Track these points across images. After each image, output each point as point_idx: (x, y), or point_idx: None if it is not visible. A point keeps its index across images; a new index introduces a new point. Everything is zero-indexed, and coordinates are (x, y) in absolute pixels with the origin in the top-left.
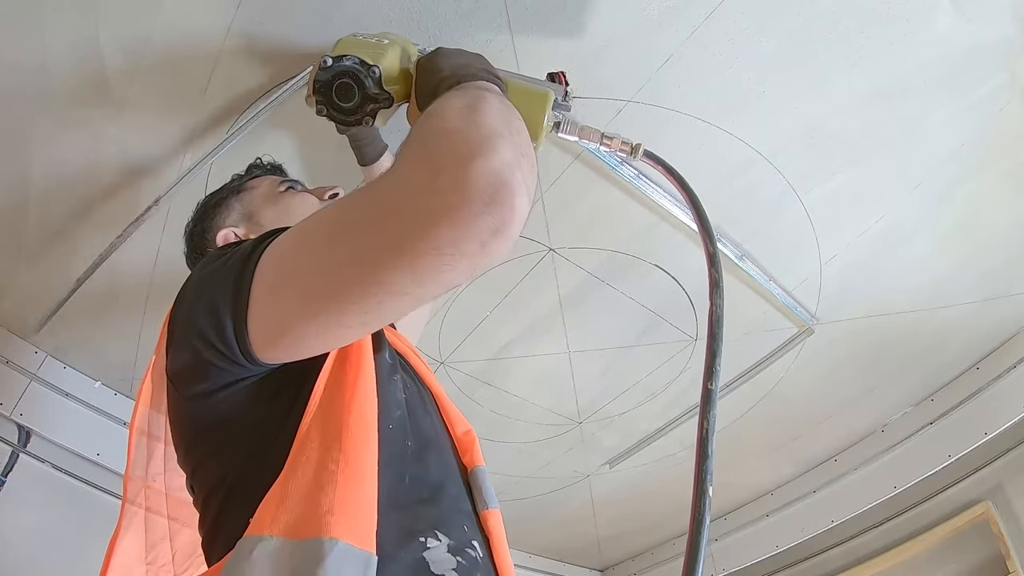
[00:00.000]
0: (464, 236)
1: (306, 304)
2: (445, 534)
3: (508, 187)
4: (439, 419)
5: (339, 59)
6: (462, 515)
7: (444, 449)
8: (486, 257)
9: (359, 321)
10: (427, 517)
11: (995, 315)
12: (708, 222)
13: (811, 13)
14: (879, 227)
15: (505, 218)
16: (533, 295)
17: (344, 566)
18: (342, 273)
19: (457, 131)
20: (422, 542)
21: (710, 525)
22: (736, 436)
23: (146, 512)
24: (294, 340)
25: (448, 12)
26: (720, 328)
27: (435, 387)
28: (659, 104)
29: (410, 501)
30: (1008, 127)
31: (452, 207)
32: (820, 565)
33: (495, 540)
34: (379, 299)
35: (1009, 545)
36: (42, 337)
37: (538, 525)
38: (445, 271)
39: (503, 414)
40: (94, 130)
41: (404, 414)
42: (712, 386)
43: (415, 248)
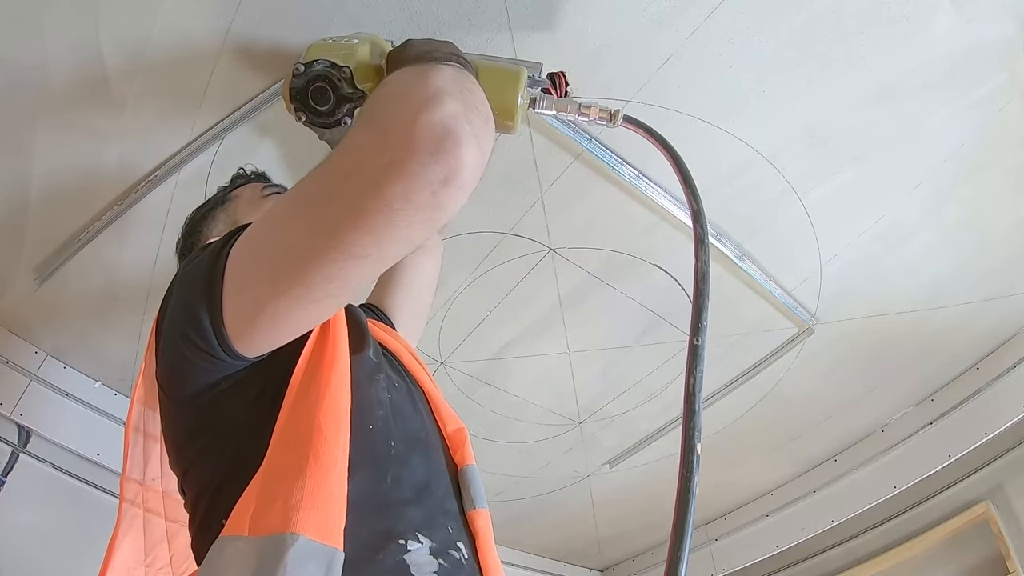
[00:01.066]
0: (413, 187)
1: (275, 283)
2: (428, 536)
3: (453, 135)
4: (431, 418)
5: (311, 64)
6: (447, 516)
7: (433, 449)
8: (439, 209)
9: (325, 292)
10: (409, 519)
11: (995, 315)
12: (692, 179)
13: (811, 13)
14: (879, 227)
15: (452, 166)
16: (533, 295)
17: (307, 561)
18: (304, 244)
19: (405, 93)
20: (402, 544)
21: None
22: (736, 436)
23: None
24: (268, 323)
25: (448, 12)
26: (706, 284)
27: (427, 385)
28: (659, 104)
29: (392, 502)
30: (1008, 127)
31: (399, 161)
32: (820, 565)
33: (482, 541)
34: (340, 265)
35: (1009, 545)
36: (42, 336)
37: (538, 525)
38: (400, 227)
39: (503, 414)
40: (94, 130)
41: (387, 414)
42: (698, 342)
43: (367, 206)
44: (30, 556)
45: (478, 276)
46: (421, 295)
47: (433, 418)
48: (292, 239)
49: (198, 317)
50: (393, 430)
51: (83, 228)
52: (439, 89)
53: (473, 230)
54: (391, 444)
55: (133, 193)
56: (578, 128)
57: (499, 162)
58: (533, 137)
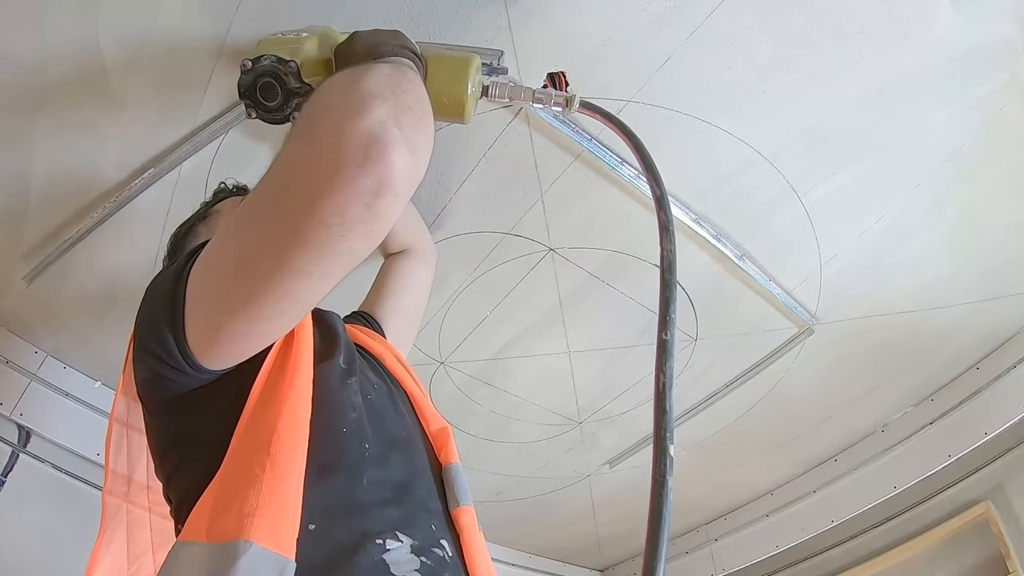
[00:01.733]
0: (346, 202)
1: (227, 301)
2: (408, 535)
3: (380, 142)
4: (413, 418)
5: (258, 60)
6: (430, 514)
7: (414, 448)
8: (375, 221)
9: (278, 310)
10: (388, 518)
11: (995, 315)
12: (654, 165)
13: (811, 13)
14: (879, 227)
15: (383, 176)
16: (533, 295)
17: (258, 569)
18: (251, 264)
19: (333, 101)
20: (380, 544)
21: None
22: (736, 436)
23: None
24: (228, 340)
25: (448, 12)
26: (673, 274)
27: (410, 387)
28: (659, 104)
29: (369, 503)
30: (1008, 127)
31: (329, 175)
32: (820, 565)
33: (466, 538)
34: (287, 284)
35: (1009, 545)
36: (42, 336)
37: (538, 525)
38: (338, 242)
39: (503, 414)
40: (94, 129)
41: (361, 416)
42: (667, 336)
43: (303, 224)
44: (30, 556)
45: (478, 276)
46: (413, 303)
47: (416, 418)
48: (240, 258)
49: (163, 335)
50: (368, 432)
51: (75, 224)
52: (368, 94)
53: (473, 230)
54: (366, 446)
55: (126, 189)
56: (578, 128)
57: (499, 162)
58: (533, 137)
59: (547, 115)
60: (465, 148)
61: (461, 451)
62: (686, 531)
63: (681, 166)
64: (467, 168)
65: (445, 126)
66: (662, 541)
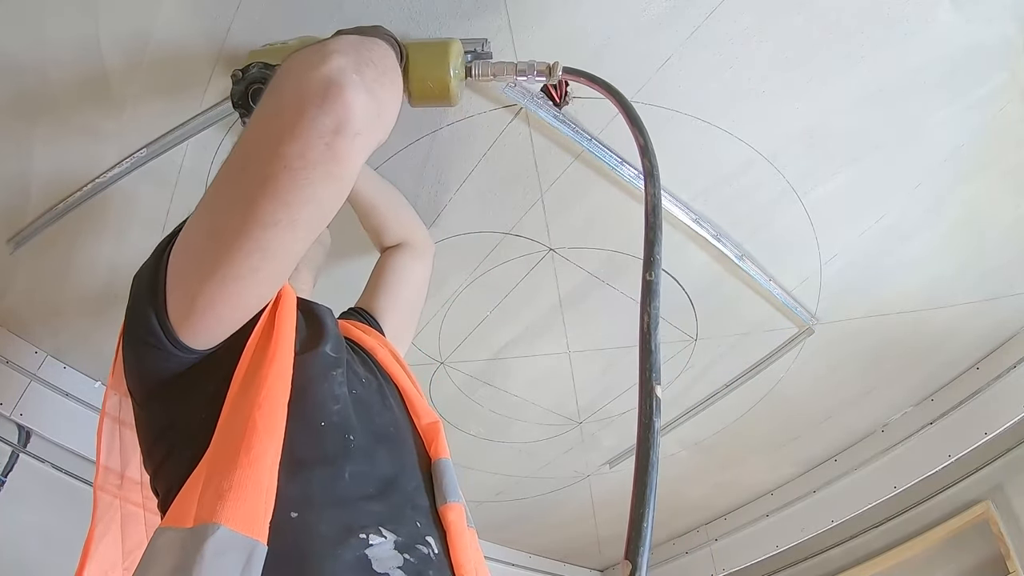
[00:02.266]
0: (307, 143)
1: (200, 267)
2: (392, 531)
3: (337, 84)
4: (403, 413)
5: (246, 69)
6: (416, 510)
7: (402, 443)
8: (336, 162)
9: (249, 267)
10: (372, 513)
11: (995, 315)
12: (638, 117)
13: (811, 13)
14: (879, 227)
15: (341, 115)
16: (533, 295)
17: (225, 551)
18: (222, 224)
19: (300, 62)
20: (363, 539)
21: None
22: (736, 436)
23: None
24: (204, 309)
25: (448, 12)
26: (658, 216)
27: (401, 381)
28: (659, 104)
29: (352, 497)
30: (1008, 127)
31: (291, 120)
32: (820, 565)
33: (453, 535)
34: (256, 236)
35: (1009, 545)
36: (42, 336)
37: (538, 525)
38: (303, 185)
39: (503, 414)
40: (94, 129)
41: (345, 409)
42: (651, 277)
43: (269, 172)
44: (30, 556)
45: (478, 276)
46: (410, 297)
47: (407, 414)
48: (211, 222)
49: (146, 316)
50: (354, 425)
51: (83, 228)
52: (329, 50)
53: (473, 230)
54: (350, 438)
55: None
56: (578, 128)
57: (499, 162)
58: (533, 137)
59: (547, 115)
60: (465, 148)
61: (461, 451)
62: (686, 531)
63: (681, 166)
64: (467, 168)
65: (446, 125)
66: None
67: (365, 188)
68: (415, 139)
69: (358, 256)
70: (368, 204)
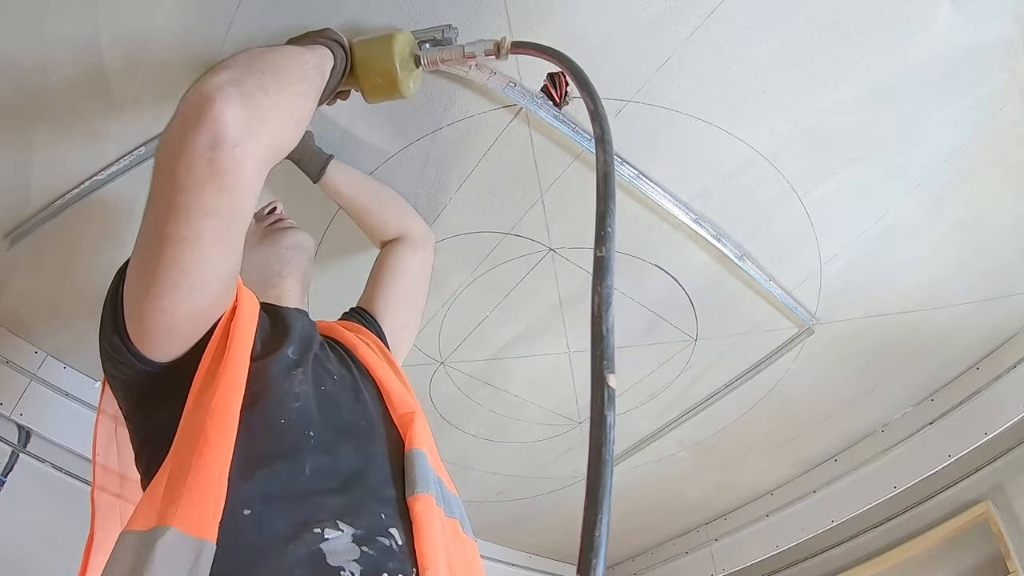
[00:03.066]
0: (189, 163)
1: (138, 285)
2: (350, 523)
3: (209, 100)
4: (378, 407)
5: None
6: (381, 502)
7: (372, 436)
8: (221, 175)
9: (170, 282)
10: (330, 507)
11: (995, 315)
12: (589, 82)
13: (811, 13)
14: (879, 227)
15: (214, 130)
16: (533, 295)
17: (175, 552)
18: (144, 243)
19: (194, 84)
20: (318, 533)
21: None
22: (736, 436)
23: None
24: (150, 320)
25: (448, 12)
26: (609, 185)
27: (379, 372)
28: (659, 104)
29: (311, 491)
30: (1008, 127)
31: (175, 143)
32: (820, 565)
33: (419, 526)
34: (169, 254)
35: (1009, 545)
36: (42, 336)
37: (538, 525)
38: (196, 203)
39: (503, 414)
40: (94, 130)
41: (306, 406)
42: (602, 252)
43: (167, 194)
44: (30, 556)
45: (478, 276)
46: (407, 292)
47: (383, 405)
48: (140, 244)
49: (110, 334)
50: (316, 421)
51: (82, 229)
52: (217, 68)
53: (473, 230)
54: (310, 434)
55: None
56: (578, 128)
57: (499, 162)
58: (533, 137)
59: (547, 115)
60: (465, 148)
61: (461, 451)
62: (686, 531)
63: (681, 166)
64: (467, 168)
65: (446, 125)
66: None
67: (351, 192)
68: (415, 139)
69: (361, 258)
70: (358, 207)
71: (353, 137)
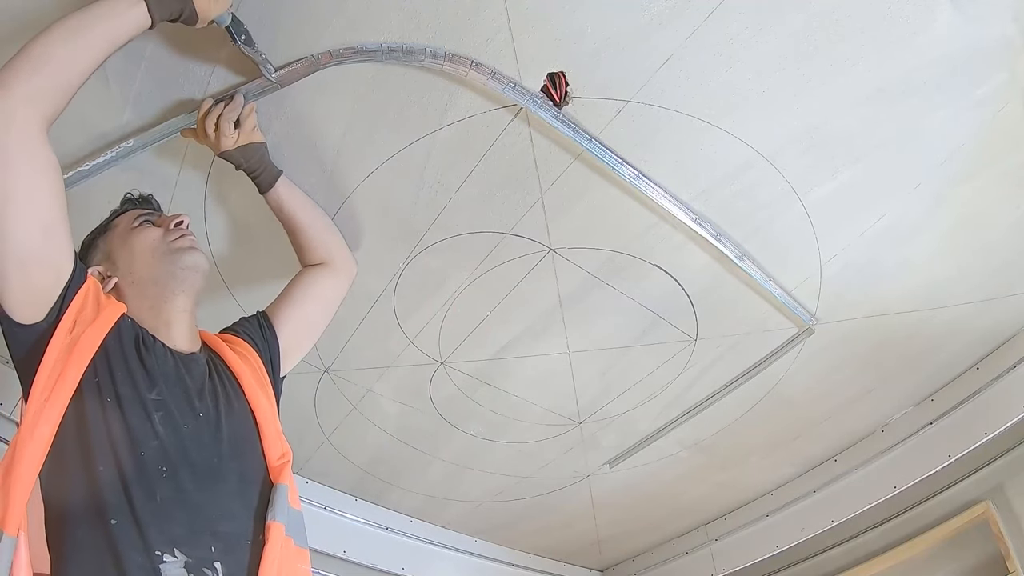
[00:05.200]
0: None
1: None
2: (185, 553)
3: None
4: (242, 444)
5: None
6: (215, 536)
7: (226, 474)
8: None
9: None
10: (169, 534)
11: (995, 315)
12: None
13: (811, 13)
14: (879, 227)
15: None
16: (533, 295)
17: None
18: None
19: None
20: (158, 555)
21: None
22: (736, 436)
23: None
24: None
25: (448, 12)
26: None
27: (258, 407)
28: (659, 104)
29: (157, 518)
30: (1008, 127)
31: None
32: (820, 565)
33: (265, 554)
34: None
35: (1009, 545)
36: None
37: (538, 525)
38: None
39: (503, 414)
40: (93, 131)
41: (163, 445)
42: None
43: None
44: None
45: (478, 276)
46: (312, 315)
47: (259, 444)
48: None
49: None
50: (172, 458)
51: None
52: None
53: (473, 230)
54: (163, 470)
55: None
56: (578, 128)
57: (499, 162)
58: (533, 137)
59: (547, 115)
60: (465, 148)
61: (461, 451)
62: (686, 531)
63: (681, 166)
64: (467, 168)
65: (446, 125)
66: None
67: (291, 209)
68: (415, 139)
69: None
70: (294, 225)
71: (353, 137)
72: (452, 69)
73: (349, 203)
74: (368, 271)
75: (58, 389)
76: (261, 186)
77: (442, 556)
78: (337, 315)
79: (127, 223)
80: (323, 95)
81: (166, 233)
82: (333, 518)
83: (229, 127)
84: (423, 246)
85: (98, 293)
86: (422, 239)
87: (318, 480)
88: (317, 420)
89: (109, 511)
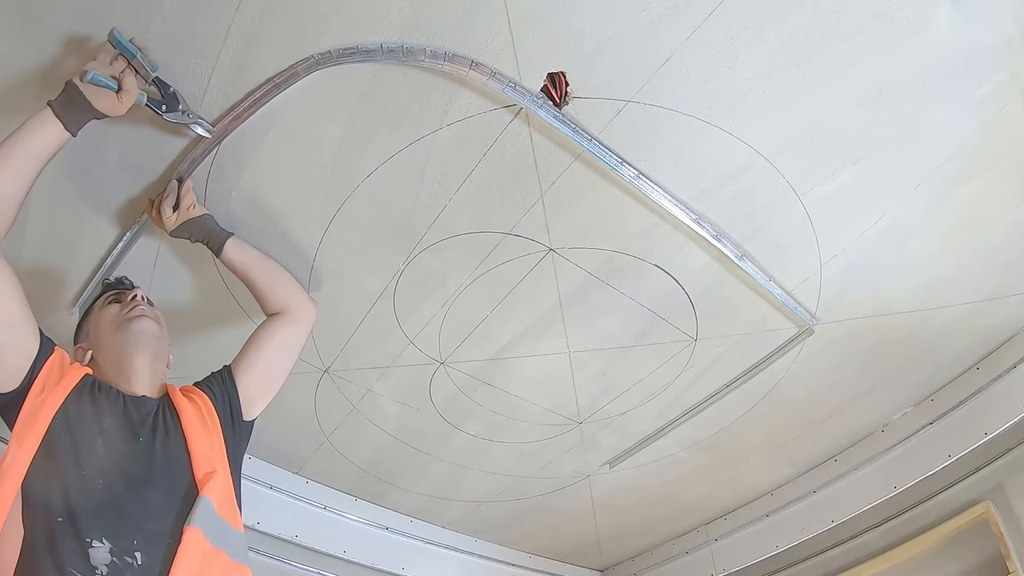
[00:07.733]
0: None
1: None
2: (111, 542)
3: None
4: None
5: None
6: (138, 531)
7: (154, 486)
8: None
9: None
10: (100, 528)
11: (995, 315)
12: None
13: (811, 13)
14: (879, 227)
15: None
16: (533, 295)
17: None
18: None
19: None
20: (88, 541)
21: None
22: (736, 436)
23: None
24: None
25: (448, 12)
26: None
27: (191, 437)
28: (659, 104)
29: (91, 516)
30: (1008, 127)
31: None
32: (820, 565)
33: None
34: None
35: (1009, 545)
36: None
37: (538, 525)
38: None
39: (503, 414)
40: (93, 133)
41: (102, 463)
42: None
43: None
44: None
45: (478, 276)
46: (269, 363)
47: (189, 463)
48: None
49: None
50: (109, 473)
51: (82, 231)
52: None
53: (473, 230)
54: (99, 482)
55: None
56: (578, 128)
57: (499, 162)
58: (533, 137)
59: (547, 115)
60: (465, 148)
61: (461, 451)
62: (686, 531)
63: (681, 166)
64: (467, 168)
65: (446, 125)
66: None
67: (244, 267)
68: (415, 139)
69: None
70: (248, 280)
71: (353, 137)
72: (452, 69)
73: (349, 203)
74: (368, 271)
75: (30, 437)
76: (213, 251)
77: (442, 556)
78: (337, 315)
79: (100, 305)
80: (323, 95)
81: (122, 307)
82: (333, 518)
83: (168, 211)
84: (423, 246)
85: (63, 362)
86: (422, 239)
87: (318, 480)
88: (317, 420)
89: (56, 512)
